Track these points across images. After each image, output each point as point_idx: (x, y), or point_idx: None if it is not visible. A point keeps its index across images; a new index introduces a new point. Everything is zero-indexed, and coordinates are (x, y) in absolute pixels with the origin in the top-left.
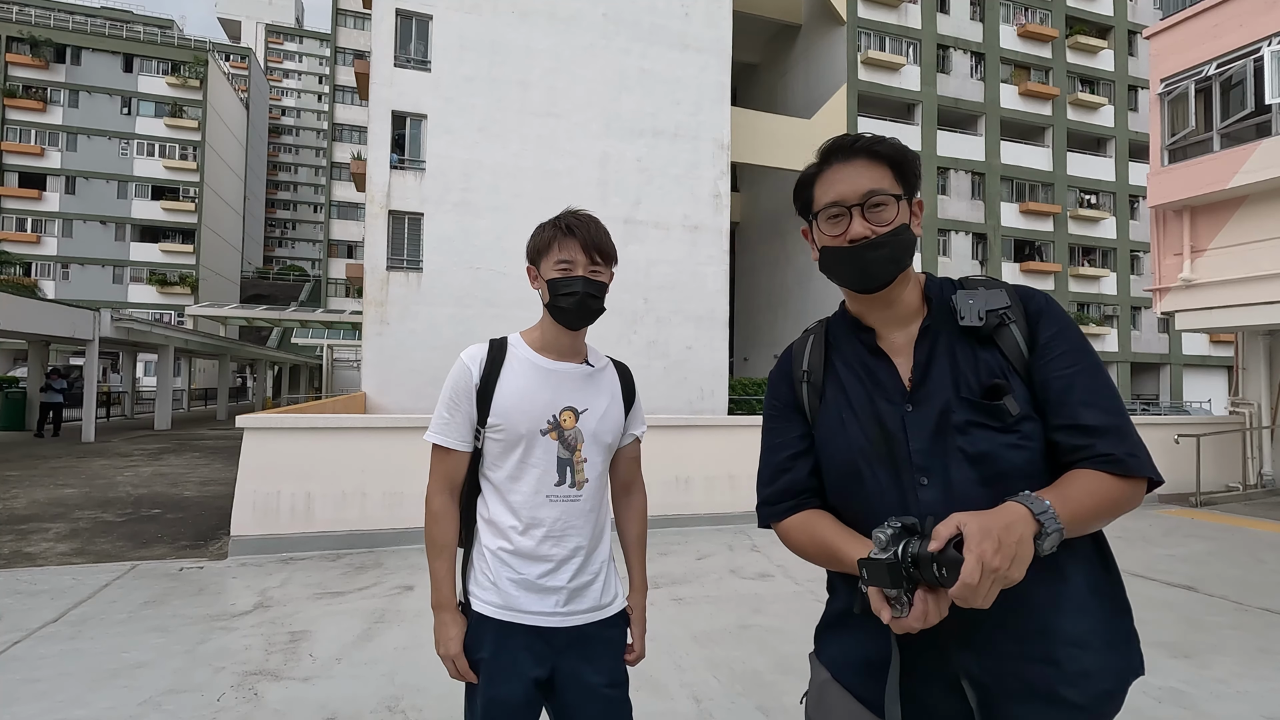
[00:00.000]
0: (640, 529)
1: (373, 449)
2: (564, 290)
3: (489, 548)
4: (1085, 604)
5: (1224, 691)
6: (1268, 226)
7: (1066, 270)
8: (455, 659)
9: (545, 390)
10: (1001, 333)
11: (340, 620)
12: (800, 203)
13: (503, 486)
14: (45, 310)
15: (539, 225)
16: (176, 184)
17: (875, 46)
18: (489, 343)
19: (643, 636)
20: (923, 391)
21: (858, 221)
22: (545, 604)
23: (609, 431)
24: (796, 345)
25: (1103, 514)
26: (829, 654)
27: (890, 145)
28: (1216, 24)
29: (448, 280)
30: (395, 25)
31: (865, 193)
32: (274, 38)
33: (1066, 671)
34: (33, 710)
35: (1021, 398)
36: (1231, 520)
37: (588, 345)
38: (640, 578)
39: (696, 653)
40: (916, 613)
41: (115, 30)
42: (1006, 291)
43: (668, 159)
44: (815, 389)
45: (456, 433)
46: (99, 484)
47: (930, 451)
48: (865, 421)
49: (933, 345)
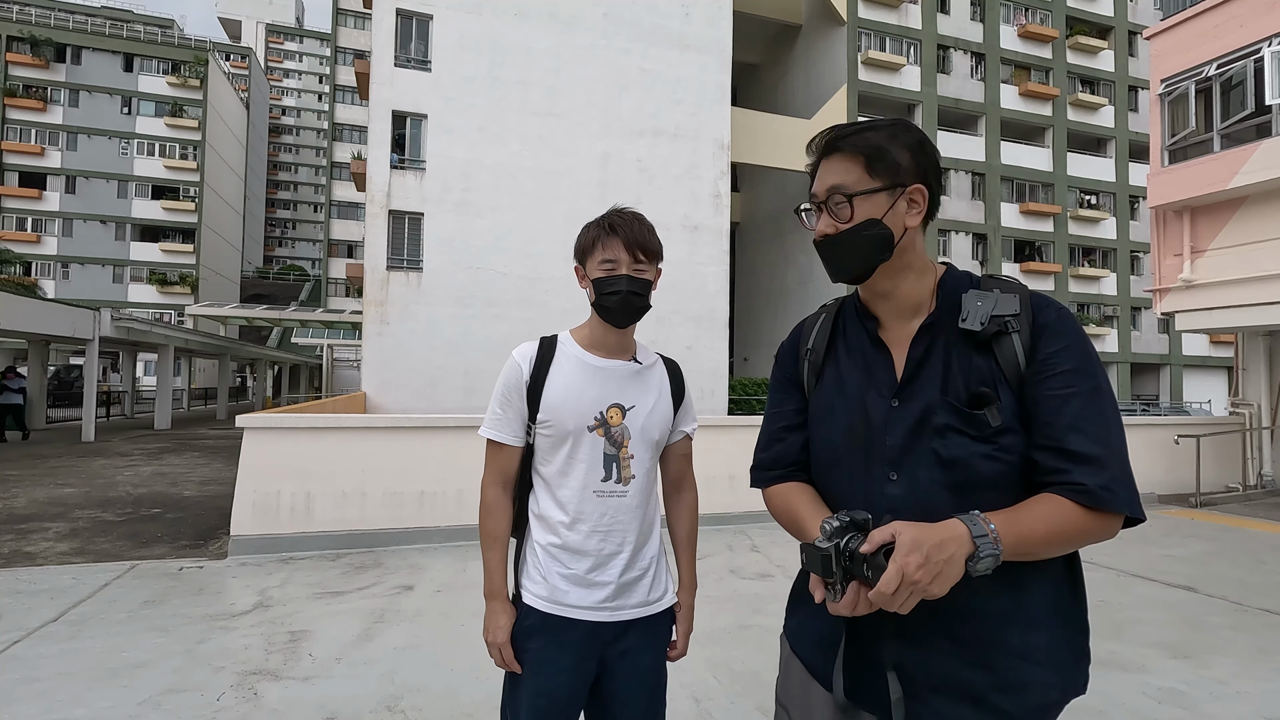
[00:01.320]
0: (690, 526)
1: (373, 449)
2: (608, 289)
3: (539, 543)
4: (1042, 620)
5: (1223, 692)
6: (1268, 227)
7: (1066, 271)
8: (502, 647)
9: (593, 387)
10: (1001, 341)
11: (340, 620)
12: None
13: (552, 481)
14: (45, 310)
15: (585, 225)
16: (176, 184)
17: (875, 47)
18: (539, 340)
19: (687, 635)
20: (910, 389)
21: (823, 219)
22: (594, 598)
23: (656, 428)
24: (809, 321)
25: (1059, 543)
26: (790, 626)
27: (861, 140)
28: (1217, 24)
29: (448, 280)
30: (395, 25)
31: (828, 189)
32: (274, 37)
33: (1003, 680)
34: (32, 710)
35: (1007, 410)
36: (1231, 521)
37: (637, 342)
38: (689, 575)
39: (696, 653)
40: (846, 601)
41: (115, 30)
42: (1020, 299)
43: (668, 159)
44: (815, 368)
45: (509, 428)
46: (99, 483)
47: (904, 448)
48: (852, 409)
49: (930, 344)
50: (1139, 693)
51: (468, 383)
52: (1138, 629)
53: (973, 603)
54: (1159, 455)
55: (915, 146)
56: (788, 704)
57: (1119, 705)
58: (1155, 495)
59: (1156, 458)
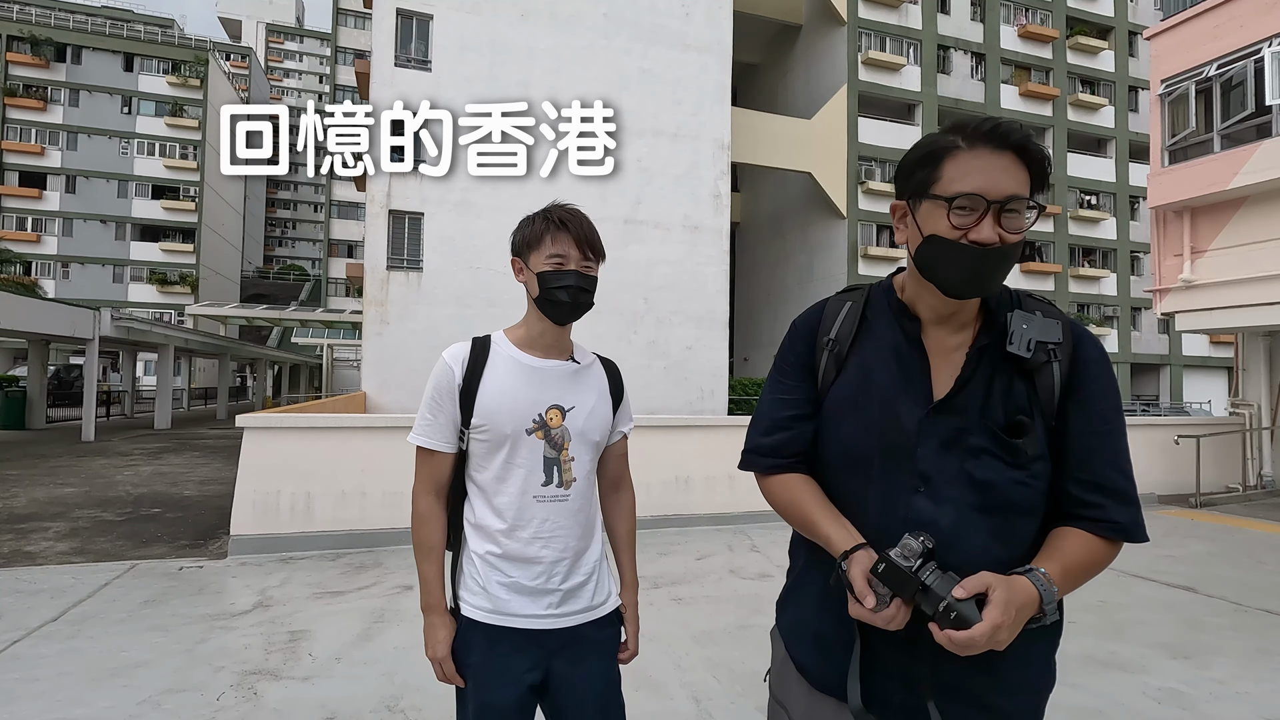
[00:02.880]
0: (630, 526)
1: (373, 449)
2: (556, 284)
3: (477, 552)
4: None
5: (1223, 692)
6: (1268, 227)
7: (1066, 271)
8: (443, 662)
9: (530, 388)
10: (1042, 369)
11: (340, 620)
12: (915, 178)
13: (489, 488)
14: (45, 309)
15: (525, 218)
16: (177, 183)
17: (876, 47)
18: (471, 341)
19: (636, 634)
20: (950, 404)
21: (989, 224)
22: (537, 606)
23: (596, 429)
24: (831, 305)
25: (1086, 579)
26: (785, 626)
27: (1040, 150)
28: (1217, 25)
29: (448, 280)
30: (396, 25)
31: (1008, 194)
32: (274, 37)
33: (1003, 681)
34: (32, 709)
35: (1040, 437)
36: (1231, 521)
37: (574, 342)
38: (631, 575)
39: (696, 653)
40: (887, 614)
41: (116, 29)
42: (1063, 326)
43: (668, 159)
44: (836, 360)
45: (440, 434)
46: (99, 483)
47: (936, 463)
48: (881, 410)
49: (976, 362)
50: (1139, 693)
51: None
52: (1138, 629)
53: None
54: (1159, 455)
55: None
56: (785, 702)
57: (1119, 705)
58: (1155, 495)
59: (1156, 458)
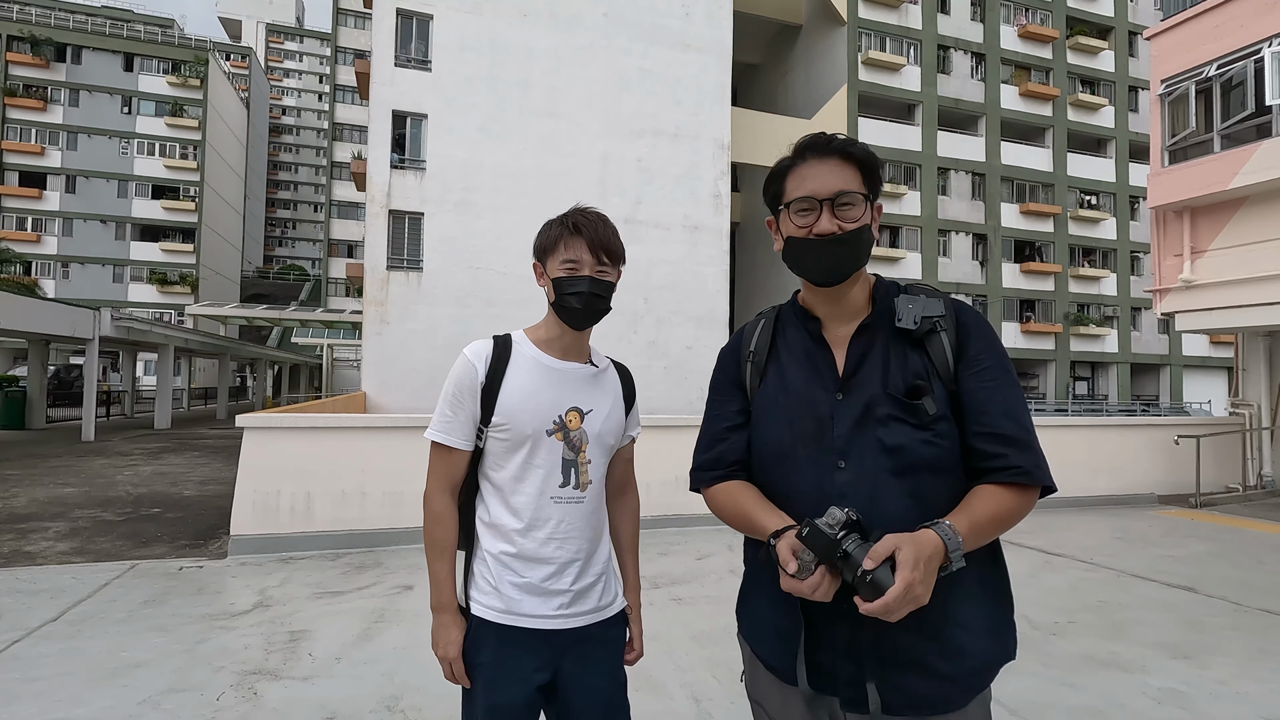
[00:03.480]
0: (634, 529)
1: (373, 449)
2: (570, 290)
3: (490, 552)
4: (970, 590)
5: (1223, 692)
6: (1268, 228)
7: (1066, 271)
8: (453, 662)
9: (551, 390)
10: (931, 339)
11: (340, 620)
12: (770, 194)
13: (505, 487)
14: (45, 309)
15: (546, 222)
16: (177, 183)
17: (876, 47)
18: (493, 339)
19: (641, 635)
20: (853, 382)
21: (826, 217)
22: (549, 607)
23: (612, 433)
24: (749, 326)
25: (999, 530)
26: (747, 628)
27: (862, 148)
28: (1217, 25)
29: (448, 280)
30: (396, 25)
31: (836, 190)
32: (274, 37)
33: (945, 647)
34: (32, 709)
35: (940, 400)
36: (1231, 521)
37: (591, 346)
38: (635, 577)
39: (696, 653)
40: (811, 582)
41: (116, 29)
42: (944, 302)
43: (668, 159)
44: (758, 369)
45: (459, 431)
46: (99, 483)
47: (851, 438)
48: (798, 403)
49: (869, 342)
50: (1139, 693)
51: None
52: (1138, 629)
53: None
54: (1159, 455)
55: (883, 166)
56: (761, 700)
57: (1119, 705)
58: (1155, 495)
59: (1156, 458)
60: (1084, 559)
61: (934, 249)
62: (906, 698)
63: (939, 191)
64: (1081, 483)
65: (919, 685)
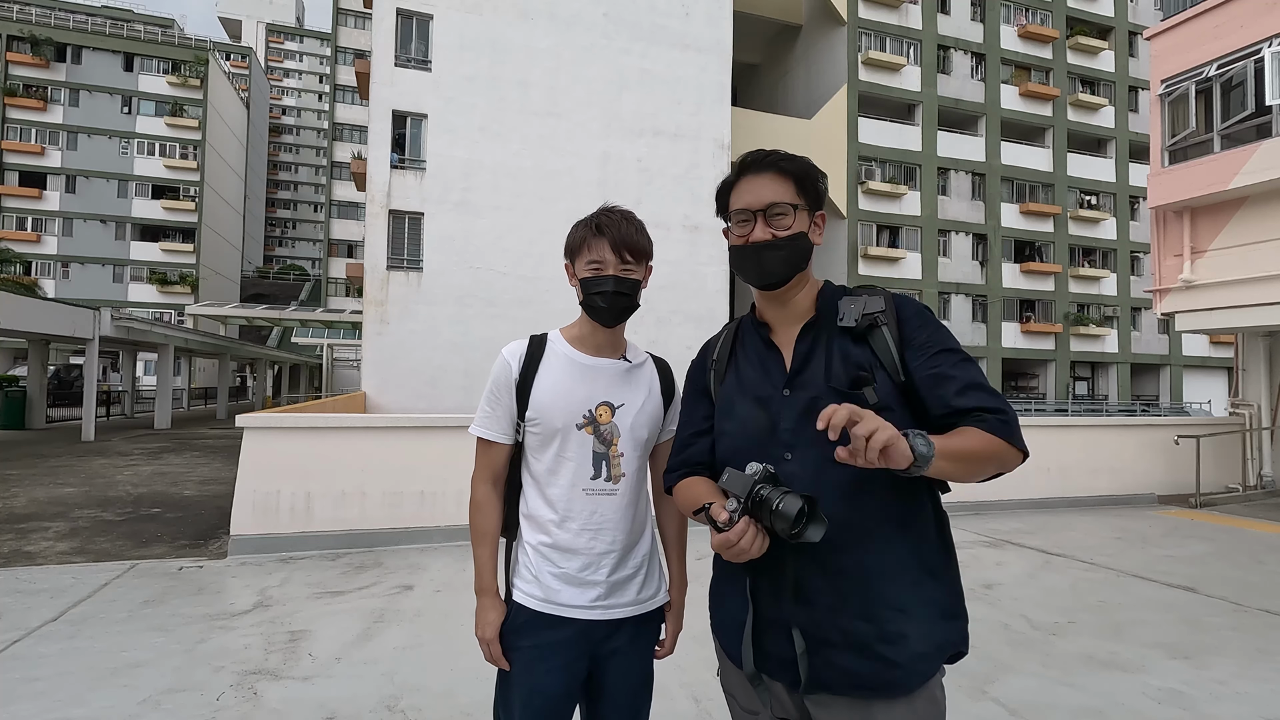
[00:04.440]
0: (680, 525)
1: (373, 449)
2: (595, 289)
3: (530, 543)
4: (914, 577)
5: (1223, 692)
6: (1268, 228)
7: (1066, 271)
8: (491, 643)
9: (582, 385)
10: (873, 333)
11: (340, 620)
12: (719, 206)
13: (541, 480)
14: (45, 309)
15: (575, 223)
16: (177, 183)
17: (876, 47)
18: (529, 339)
19: (676, 634)
20: (799, 380)
21: (760, 226)
22: (585, 597)
23: (645, 426)
24: (714, 338)
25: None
26: (715, 622)
27: (795, 164)
28: (1217, 25)
29: (448, 280)
30: (396, 25)
31: (768, 202)
32: (274, 37)
33: (884, 630)
34: (32, 709)
35: (884, 390)
36: (1231, 521)
37: (627, 341)
38: (679, 574)
39: (696, 653)
40: (737, 529)
41: (116, 29)
42: (885, 299)
43: (668, 159)
44: (719, 375)
45: (498, 425)
46: (98, 483)
47: (796, 431)
48: (750, 402)
49: (813, 341)
50: (1139, 693)
51: (467, 382)
52: (1138, 629)
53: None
54: (1159, 455)
55: (823, 181)
56: (732, 691)
57: (1119, 705)
58: (1155, 495)
59: (1156, 458)
60: (1084, 559)
61: (934, 249)
62: (846, 677)
63: (939, 191)
64: (1081, 483)
65: (857, 664)
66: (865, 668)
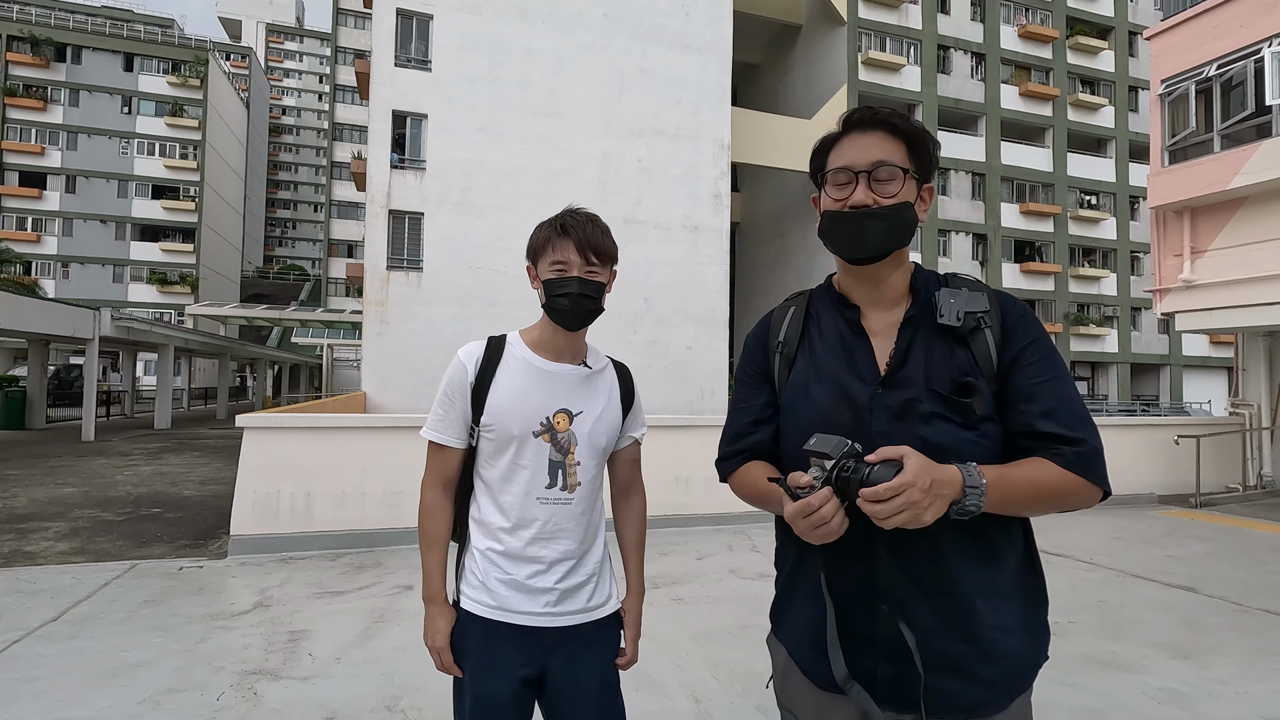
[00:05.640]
0: (638, 532)
1: (373, 449)
2: (558, 291)
3: (479, 548)
4: (1010, 593)
5: (1223, 692)
6: (1268, 227)
7: (1066, 271)
8: (440, 651)
9: (540, 391)
10: (975, 335)
11: (340, 620)
12: (813, 167)
13: (494, 486)
14: (45, 309)
15: (538, 224)
16: (177, 183)
17: (876, 47)
18: (487, 340)
19: (635, 640)
20: (896, 377)
21: (861, 189)
22: (534, 604)
23: (604, 434)
24: (776, 313)
25: (1041, 502)
26: (785, 632)
27: (911, 123)
28: (1217, 25)
29: (448, 280)
30: (396, 25)
31: (874, 161)
32: (274, 37)
33: (984, 650)
34: (32, 709)
35: (986, 399)
36: (1231, 521)
37: (588, 345)
38: (637, 581)
39: (696, 653)
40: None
41: (116, 29)
42: (988, 296)
43: (668, 159)
44: (787, 360)
45: (451, 429)
46: (98, 483)
47: (891, 434)
48: (833, 394)
49: (913, 335)
50: (1139, 693)
51: None
52: (1138, 629)
53: (954, 578)
54: (1159, 455)
55: (936, 149)
56: (792, 707)
57: (1119, 705)
58: (1155, 495)
59: (1156, 458)
60: (1084, 559)
61: (934, 249)
62: (946, 701)
63: (939, 191)
64: None
65: (958, 688)
66: (965, 690)
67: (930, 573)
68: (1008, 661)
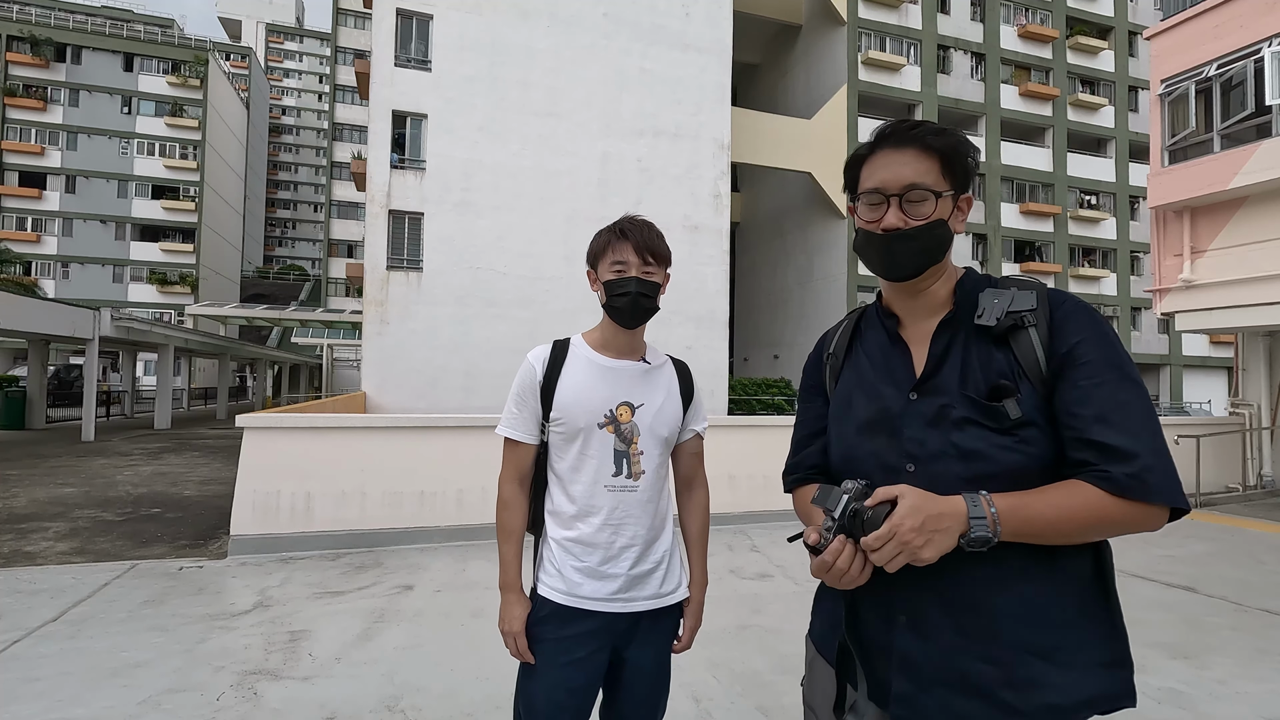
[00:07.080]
0: (702, 524)
1: (373, 449)
2: (618, 290)
3: (554, 538)
4: (1062, 618)
5: (1223, 692)
6: (1268, 227)
7: (1066, 271)
8: (516, 637)
9: (603, 386)
10: (1017, 335)
11: (340, 620)
12: (847, 180)
13: (565, 477)
14: (45, 309)
15: (598, 231)
16: (177, 183)
17: (876, 47)
18: (553, 343)
19: (694, 630)
20: (930, 383)
21: (893, 212)
22: (606, 590)
23: (665, 425)
24: (832, 329)
25: (1077, 528)
26: (815, 628)
27: (945, 139)
28: (1217, 25)
29: (448, 280)
30: (396, 25)
31: (906, 185)
32: (274, 37)
33: (1012, 676)
34: (32, 709)
35: (1028, 403)
36: (1231, 521)
37: (647, 344)
38: (700, 573)
39: (696, 653)
40: (832, 548)
41: (116, 29)
42: (1037, 294)
43: (668, 159)
44: (835, 371)
45: (523, 426)
46: (99, 483)
47: (922, 441)
48: (870, 403)
49: (950, 340)
50: (1139, 693)
51: (467, 382)
52: (1138, 629)
53: (980, 596)
54: None
55: (974, 157)
56: (815, 706)
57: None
58: None
59: None
60: None
61: None
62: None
63: None
64: None
65: (974, 710)
66: (983, 713)
67: (953, 586)
68: (1042, 692)
